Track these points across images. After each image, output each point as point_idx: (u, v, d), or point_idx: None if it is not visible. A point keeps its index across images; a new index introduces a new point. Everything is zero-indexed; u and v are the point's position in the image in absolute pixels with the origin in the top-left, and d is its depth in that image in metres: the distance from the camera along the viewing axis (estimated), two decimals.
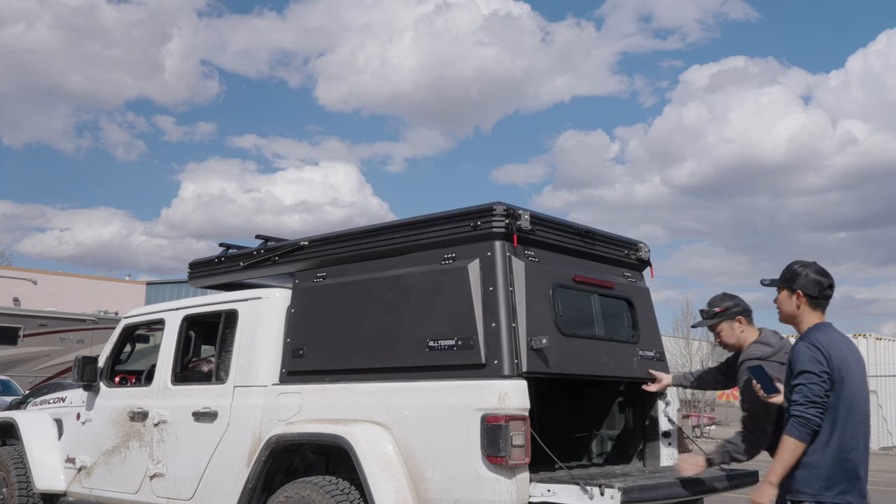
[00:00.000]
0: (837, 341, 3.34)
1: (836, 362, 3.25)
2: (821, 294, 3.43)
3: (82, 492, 6.04)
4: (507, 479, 3.83)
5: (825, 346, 3.27)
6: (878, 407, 21.58)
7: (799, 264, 3.51)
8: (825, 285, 3.44)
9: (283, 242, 5.41)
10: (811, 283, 3.43)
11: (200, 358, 6.11)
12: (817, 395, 3.20)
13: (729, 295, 4.45)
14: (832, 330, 3.41)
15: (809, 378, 3.22)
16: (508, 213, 4.28)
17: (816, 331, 3.37)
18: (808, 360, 3.25)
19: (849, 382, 3.26)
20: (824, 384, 3.21)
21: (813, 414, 3.20)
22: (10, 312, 20.81)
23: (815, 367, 3.22)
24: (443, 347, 4.22)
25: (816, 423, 3.21)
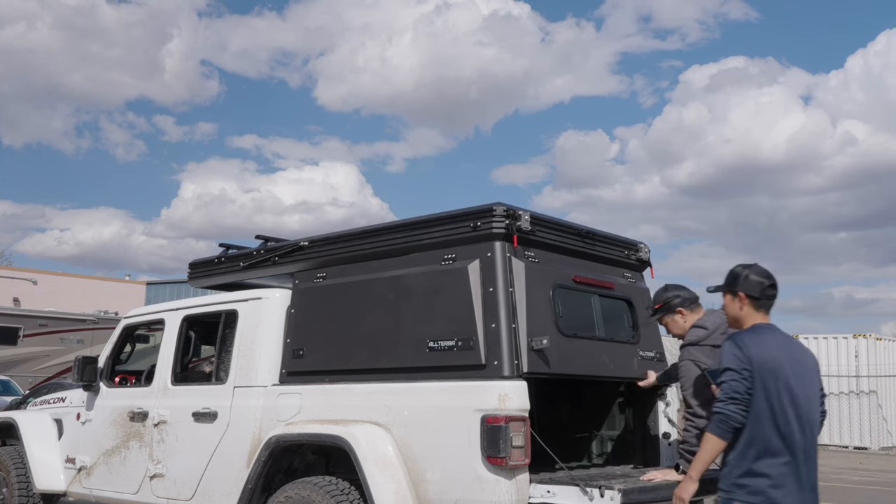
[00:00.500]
0: (767, 341, 3.30)
1: (758, 361, 3.22)
2: (762, 294, 3.42)
3: (82, 492, 6.04)
4: (507, 479, 3.83)
5: (748, 344, 3.27)
6: (878, 407, 21.57)
7: (740, 267, 3.51)
8: (766, 285, 3.42)
9: (283, 243, 5.41)
10: (752, 285, 3.43)
11: (200, 358, 6.12)
12: (737, 392, 3.22)
13: (670, 286, 4.53)
14: (767, 330, 3.38)
15: (731, 375, 3.24)
16: (508, 214, 4.28)
17: (748, 331, 3.39)
18: (730, 358, 3.28)
19: (774, 382, 3.22)
20: (745, 381, 3.22)
21: (732, 411, 3.21)
22: (10, 312, 20.80)
23: (736, 365, 3.24)
24: (443, 348, 4.22)
25: (736, 420, 3.21)
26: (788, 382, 3.24)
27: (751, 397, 3.22)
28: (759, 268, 3.48)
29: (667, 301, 4.48)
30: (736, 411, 3.21)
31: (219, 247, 6.00)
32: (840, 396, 22.05)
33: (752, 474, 3.20)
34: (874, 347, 22.17)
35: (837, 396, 22.11)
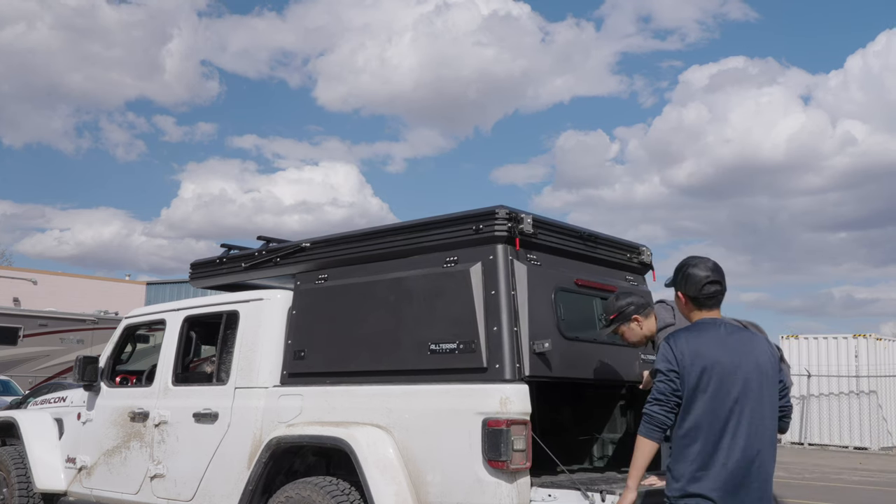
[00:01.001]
0: (703, 338, 3.22)
1: (689, 360, 3.16)
2: (698, 294, 3.34)
3: (83, 492, 6.04)
4: (508, 483, 3.83)
5: (679, 344, 3.23)
6: (878, 407, 21.57)
7: (684, 262, 3.44)
8: (701, 285, 3.33)
9: (284, 244, 5.41)
10: (689, 284, 3.36)
11: (201, 359, 6.12)
12: (662, 393, 3.20)
13: (621, 294, 4.45)
14: (709, 326, 3.29)
15: (658, 377, 3.24)
16: (511, 217, 4.28)
17: (686, 329, 3.34)
18: (659, 359, 3.27)
19: (705, 381, 3.16)
20: (671, 382, 3.19)
21: (655, 411, 3.20)
22: (10, 312, 20.80)
23: (663, 366, 3.22)
24: (444, 351, 4.21)
25: (660, 421, 3.20)
26: (724, 379, 3.15)
27: (678, 398, 3.19)
28: (703, 264, 3.38)
29: (621, 310, 4.36)
30: (659, 412, 3.20)
31: (220, 247, 6.01)
32: (840, 396, 22.05)
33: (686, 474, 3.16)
34: (874, 347, 22.16)
35: (837, 396, 22.11)
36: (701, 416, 3.15)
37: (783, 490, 11.75)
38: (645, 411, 3.24)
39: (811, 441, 22.29)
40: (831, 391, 22.23)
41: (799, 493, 11.62)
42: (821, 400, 22.35)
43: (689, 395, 3.18)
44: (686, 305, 3.41)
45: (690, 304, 3.39)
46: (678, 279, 3.41)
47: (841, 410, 21.99)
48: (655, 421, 3.21)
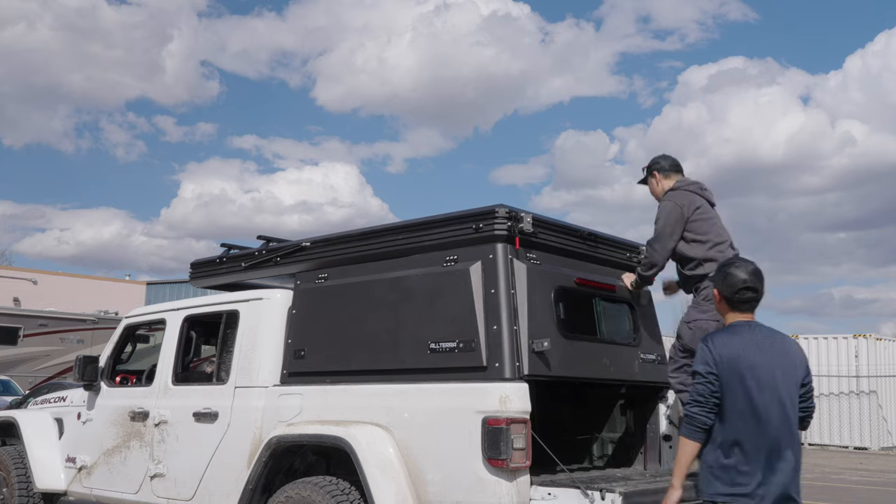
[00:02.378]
0: (739, 341, 3.32)
1: (727, 362, 3.27)
2: (733, 297, 3.44)
3: (82, 491, 6.04)
4: (508, 481, 3.83)
5: (718, 345, 3.32)
6: (878, 407, 21.57)
7: (728, 262, 3.55)
8: (738, 288, 3.42)
9: (284, 243, 5.41)
10: (726, 284, 3.46)
11: (201, 358, 6.12)
12: (701, 395, 3.29)
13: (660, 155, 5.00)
14: (745, 328, 3.39)
15: (697, 378, 3.33)
16: (510, 216, 4.28)
17: (723, 331, 3.45)
18: (698, 361, 3.36)
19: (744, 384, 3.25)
20: (710, 384, 3.28)
21: (696, 412, 3.29)
22: (10, 312, 20.80)
23: (702, 368, 3.31)
24: (444, 349, 4.22)
25: (701, 422, 3.28)
26: (760, 381, 3.26)
27: (718, 400, 3.28)
28: (745, 268, 3.45)
29: (650, 164, 4.96)
30: (700, 413, 3.29)
31: (220, 247, 6.01)
32: (840, 396, 22.05)
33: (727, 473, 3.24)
34: (874, 347, 22.17)
35: (837, 396, 22.11)
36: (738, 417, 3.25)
37: None
38: (686, 412, 3.34)
39: (811, 441, 22.29)
40: (831, 391, 22.22)
41: None
42: (821, 400, 22.33)
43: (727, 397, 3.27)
44: (720, 303, 3.52)
45: (724, 303, 3.49)
46: (717, 277, 3.52)
47: (841, 410, 21.99)
48: (697, 422, 3.30)
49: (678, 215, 4.62)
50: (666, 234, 4.63)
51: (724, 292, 3.46)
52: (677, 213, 4.63)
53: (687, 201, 4.66)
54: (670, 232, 4.62)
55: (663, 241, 4.64)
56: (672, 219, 4.63)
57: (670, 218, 4.63)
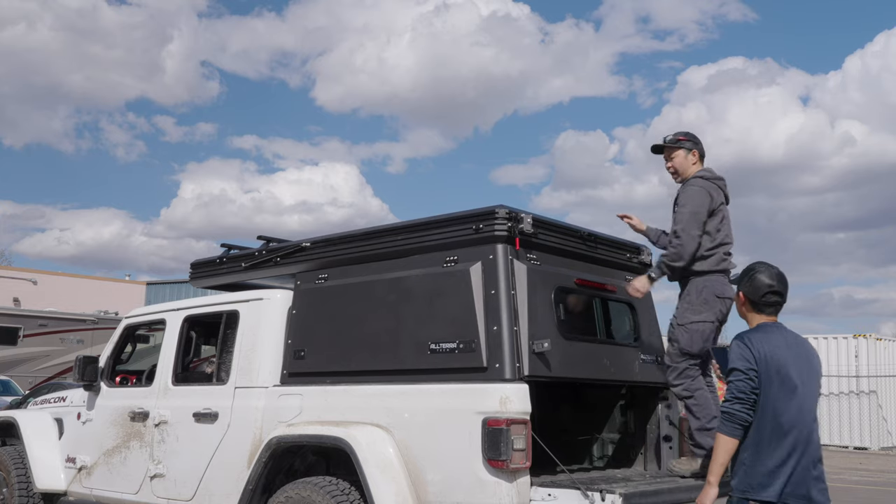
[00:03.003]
0: (774, 340, 3.39)
1: (766, 361, 3.32)
2: (759, 300, 3.50)
3: (82, 492, 6.04)
4: (508, 482, 3.83)
5: (756, 345, 3.36)
6: (878, 407, 21.56)
7: (756, 265, 3.59)
8: (764, 292, 3.49)
9: (285, 243, 5.40)
10: (752, 288, 3.51)
11: (201, 358, 6.12)
12: (742, 392, 3.32)
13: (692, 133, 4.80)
14: (774, 329, 3.47)
15: (737, 375, 3.34)
16: (511, 217, 4.28)
17: (755, 330, 3.49)
18: (736, 358, 3.38)
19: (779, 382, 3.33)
20: (750, 381, 3.32)
21: (738, 409, 3.31)
22: (10, 312, 20.79)
23: (742, 365, 3.33)
24: (444, 350, 4.22)
25: (742, 419, 3.31)
26: (794, 380, 3.33)
27: (757, 396, 3.32)
28: (770, 272, 3.52)
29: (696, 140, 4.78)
30: (741, 410, 3.31)
31: (220, 247, 6.01)
32: (840, 396, 22.05)
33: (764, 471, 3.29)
34: (874, 347, 22.16)
35: (837, 396, 22.10)
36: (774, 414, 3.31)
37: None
38: (726, 409, 3.34)
39: None
40: (831, 391, 22.21)
41: None
42: (821, 400, 22.31)
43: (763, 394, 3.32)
44: (744, 305, 3.57)
45: (749, 305, 3.54)
46: (743, 280, 3.57)
47: (841, 410, 21.99)
48: (737, 419, 3.32)
49: (708, 203, 4.49)
50: (697, 221, 4.45)
51: (750, 296, 3.51)
52: (707, 201, 4.49)
53: (715, 193, 4.57)
54: (700, 219, 4.46)
55: (694, 226, 4.43)
56: (703, 206, 4.47)
57: (702, 205, 4.47)
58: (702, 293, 4.47)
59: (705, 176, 4.62)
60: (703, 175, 4.63)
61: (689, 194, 4.52)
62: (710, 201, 4.51)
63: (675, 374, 4.46)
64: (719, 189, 4.63)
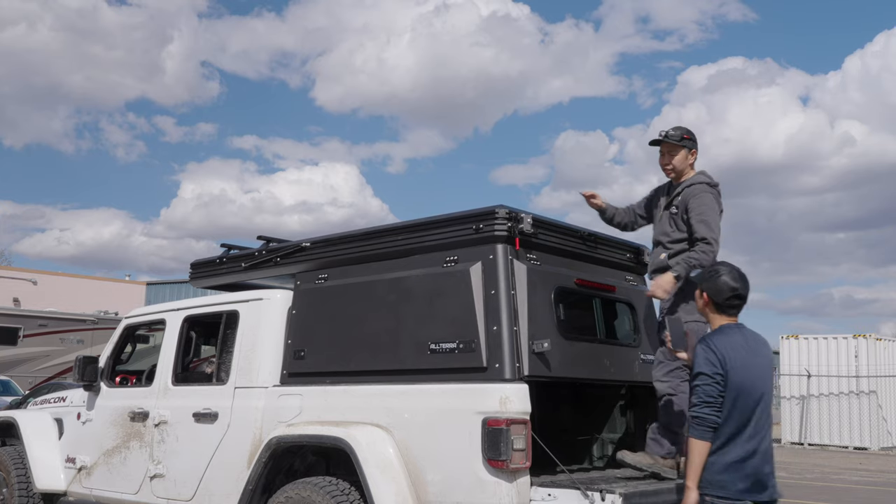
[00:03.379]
0: (736, 343, 3.48)
1: (730, 363, 3.41)
2: (723, 302, 3.59)
3: (82, 492, 6.04)
4: (508, 482, 3.83)
5: (721, 348, 3.45)
6: (878, 407, 21.55)
7: (719, 266, 3.67)
8: (728, 296, 3.58)
9: (284, 243, 5.40)
10: (716, 290, 3.60)
11: (201, 359, 6.11)
12: (710, 396, 3.40)
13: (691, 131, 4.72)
14: (736, 331, 3.56)
15: (703, 379, 3.43)
16: (510, 217, 4.28)
17: (716, 333, 3.57)
18: (702, 363, 3.46)
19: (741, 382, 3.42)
20: (717, 385, 3.41)
21: (707, 413, 3.39)
22: (10, 312, 20.79)
23: (709, 369, 3.43)
24: (444, 350, 4.21)
25: (712, 422, 3.39)
26: (753, 381, 3.45)
27: (724, 399, 3.41)
28: (734, 275, 3.60)
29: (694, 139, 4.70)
30: (710, 413, 3.40)
31: (220, 247, 6.00)
32: (840, 396, 22.04)
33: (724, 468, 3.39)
34: (874, 348, 22.15)
35: (837, 396, 22.10)
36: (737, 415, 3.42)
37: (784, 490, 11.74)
38: (695, 414, 3.42)
39: (811, 441, 22.29)
40: (831, 391, 22.21)
41: (799, 494, 11.61)
42: (821, 400, 22.34)
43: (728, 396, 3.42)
44: (707, 306, 3.65)
45: (712, 307, 3.62)
46: (706, 280, 3.64)
47: (841, 410, 21.98)
48: (707, 422, 3.40)
49: (718, 212, 4.51)
50: (718, 228, 4.45)
51: (714, 297, 3.59)
52: (717, 210, 4.51)
53: (718, 201, 4.57)
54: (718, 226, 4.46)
55: (717, 233, 4.43)
56: (717, 215, 4.49)
57: (716, 214, 4.48)
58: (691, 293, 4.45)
59: (711, 183, 4.60)
60: (708, 182, 4.59)
61: (708, 203, 4.47)
62: (719, 209, 4.53)
63: (666, 371, 4.43)
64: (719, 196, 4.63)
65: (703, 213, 4.45)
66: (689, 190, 4.56)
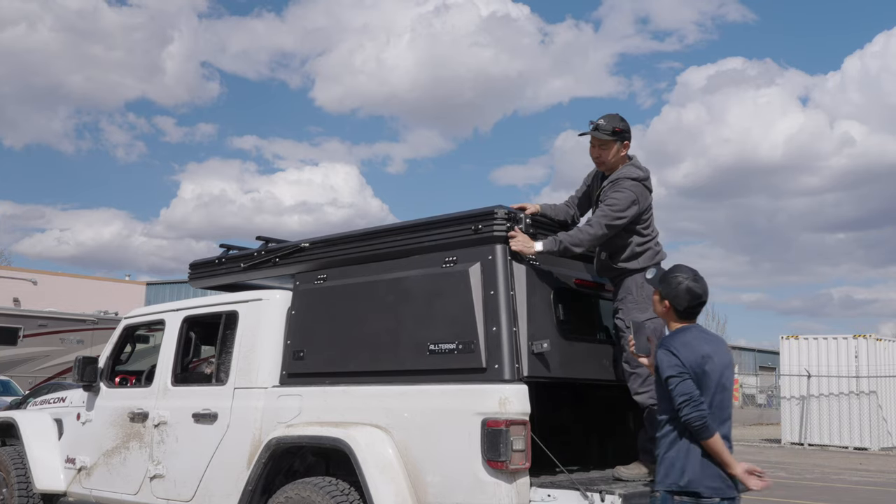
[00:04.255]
0: (695, 344, 3.57)
1: (689, 363, 3.50)
2: (685, 311, 3.68)
3: (82, 492, 6.04)
4: (508, 483, 3.83)
5: (681, 350, 3.54)
6: (878, 407, 21.55)
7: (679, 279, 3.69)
8: (691, 304, 3.66)
9: (284, 244, 5.40)
10: (679, 299, 3.67)
11: (201, 359, 6.11)
12: (686, 392, 3.46)
13: (623, 119, 4.60)
14: (693, 331, 3.66)
15: (674, 381, 3.49)
16: (510, 217, 4.28)
17: (675, 336, 3.65)
18: (667, 367, 3.53)
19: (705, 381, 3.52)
20: (689, 380, 3.48)
21: (692, 411, 3.44)
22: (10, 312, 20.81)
23: (675, 371, 3.50)
24: (443, 351, 4.21)
25: (701, 416, 3.43)
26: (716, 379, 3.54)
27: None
28: (696, 283, 3.67)
29: (626, 130, 4.53)
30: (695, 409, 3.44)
31: (219, 247, 6.00)
32: (840, 397, 22.04)
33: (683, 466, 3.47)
34: (874, 348, 22.15)
35: (837, 397, 22.10)
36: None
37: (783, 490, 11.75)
38: (687, 416, 3.44)
39: (811, 441, 22.28)
40: (831, 391, 22.21)
41: (799, 494, 11.62)
42: (821, 400, 22.34)
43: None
44: (668, 312, 3.72)
45: (673, 313, 3.70)
46: (665, 285, 3.70)
47: (841, 411, 21.98)
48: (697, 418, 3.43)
49: (635, 214, 4.41)
50: (613, 228, 4.36)
51: (676, 305, 3.67)
52: (634, 212, 4.40)
53: (643, 197, 4.47)
54: (619, 224, 4.37)
55: (605, 232, 4.35)
56: (629, 216, 4.37)
57: (628, 214, 4.37)
58: (642, 289, 4.41)
59: (636, 177, 4.47)
60: (634, 176, 4.46)
61: (619, 198, 4.38)
62: (638, 209, 4.42)
63: (641, 381, 4.37)
64: (647, 189, 4.53)
65: (611, 205, 4.37)
66: (611, 184, 4.49)
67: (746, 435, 27.33)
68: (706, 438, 3.44)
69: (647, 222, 4.55)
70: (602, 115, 4.59)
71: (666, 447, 3.55)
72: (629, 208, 4.39)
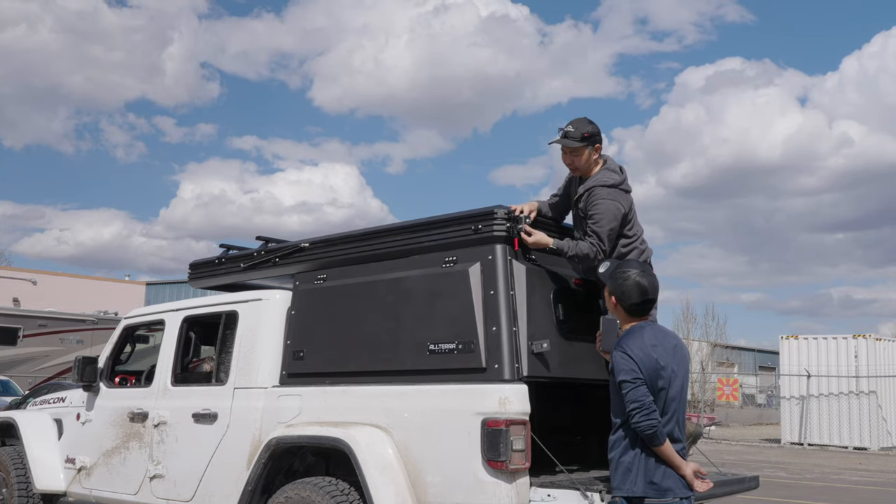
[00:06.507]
0: (648, 342, 3.53)
1: (644, 364, 3.46)
2: (629, 309, 3.64)
3: (82, 492, 6.04)
4: (508, 483, 3.83)
5: (636, 351, 3.49)
6: (877, 407, 21.57)
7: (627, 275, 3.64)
8: (636, 303, 3.61)
9: (283, 244, 5.40)
10: (624, 296, 3.64)
11: (200, 359, 6.11)
12: (638, 399, 3.41)
13: (591, 121, 4.57)
14: (647, 329, 3.61)
15: (628, 387, 3.44)
16: (509, 217, 4.28)
17: (629, 336, 3.59)
18: (621, 371, 3.48)
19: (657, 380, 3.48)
20: (642, 386, 3.43)
21: (643, 420, 3.40)
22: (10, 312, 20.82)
23: (630, 376, 3.44)
24: (443, 351, 4.21)
25: (652, 424, 3.39)
26: (669, 377, 3.51)
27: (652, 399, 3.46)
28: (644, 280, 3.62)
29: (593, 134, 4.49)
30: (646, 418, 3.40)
31: (219, 247, 6.00)
32: (840, 396, 22.06)
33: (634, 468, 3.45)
34: (874, 348, 22.17)
35: (837, 397, 22.11)
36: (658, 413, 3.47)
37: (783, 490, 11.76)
38: (638, 423, 3.40)
39: (811, 441, 22.30)
40: (831, 391, 22.23)
41: (798, 494, 11.62)
42: (820, 400, 22.36)
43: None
44: (616, 309, 3.69)
45: (622, 310, 3.66)
46: (615, 284, 3.66)
47: (840, 410, 22.00)
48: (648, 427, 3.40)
49: (621, 218, 4.41)
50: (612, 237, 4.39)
51: (623, 302, 3.63)
52: (620, 216, 4.40)
53: (625, 203, 4.46)
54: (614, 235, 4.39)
55: (609, 242, 4.37)
56: (616, 223, 4.39)
57: (615, 222, 4.38)
58: None
59: (612, 183, 4.44)
60: (609, 183, 4.44)
61: (602, 211, 4.36)
62: (623, 215, 4.41)
63: None
64: (625, 193, 4.51)
65: (597, 220, 4.35)
66: (588, 197, 4.45)
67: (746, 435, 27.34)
68: (657, 446, 3.41)
69: (631, 223, 4.54)
70: (570, 121, 4.57)
71: (621, 451, 3.50)
72: (615, 218, 4.39)
